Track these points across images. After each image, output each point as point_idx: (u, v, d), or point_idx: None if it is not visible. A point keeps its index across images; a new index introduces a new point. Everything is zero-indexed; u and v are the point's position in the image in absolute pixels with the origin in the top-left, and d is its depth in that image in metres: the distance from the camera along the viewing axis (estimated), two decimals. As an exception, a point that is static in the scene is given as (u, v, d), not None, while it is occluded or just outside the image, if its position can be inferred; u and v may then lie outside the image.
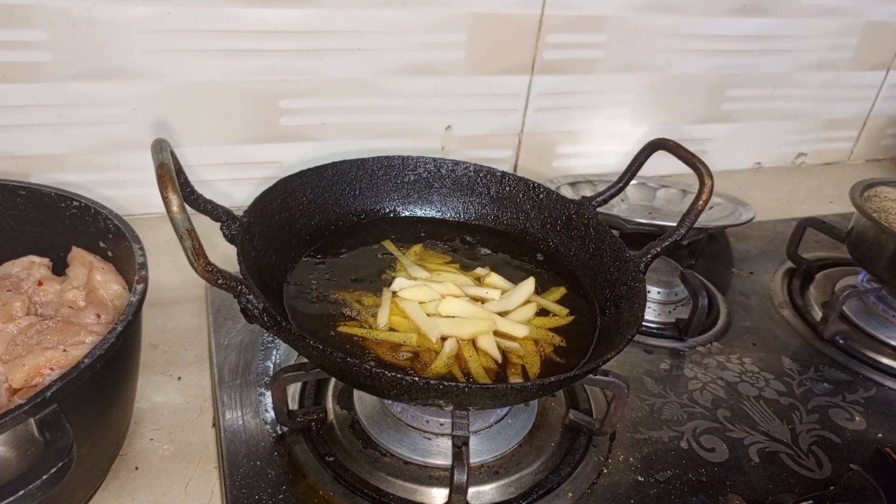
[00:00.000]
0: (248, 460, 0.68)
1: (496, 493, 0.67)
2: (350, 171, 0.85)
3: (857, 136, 1.59)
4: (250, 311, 0.58)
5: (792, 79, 1.40)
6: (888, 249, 0.92)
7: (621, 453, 0.74)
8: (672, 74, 1.29)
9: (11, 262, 0.73)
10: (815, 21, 1.33)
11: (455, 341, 0.67)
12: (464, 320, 0.70)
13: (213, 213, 0.67)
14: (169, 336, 0.85)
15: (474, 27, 1.09)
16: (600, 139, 1.31)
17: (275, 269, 0.73)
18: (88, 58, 0.92)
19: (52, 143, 0.97)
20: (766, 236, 1.23)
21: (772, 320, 1.00)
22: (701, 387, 0.85)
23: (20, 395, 0.58)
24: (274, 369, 0.79)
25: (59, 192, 0.72)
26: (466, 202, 0.89)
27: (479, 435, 0.71)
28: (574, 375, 0.58)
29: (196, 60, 0.97)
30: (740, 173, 1.49)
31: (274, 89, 1.04)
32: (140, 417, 0.73)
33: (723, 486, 0.71)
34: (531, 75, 1.18)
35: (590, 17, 1.16)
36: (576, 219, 0.83)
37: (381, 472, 0.67)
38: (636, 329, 0.63)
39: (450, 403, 0.58)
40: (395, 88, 1.10)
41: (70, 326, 0.63)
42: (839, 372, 0.90)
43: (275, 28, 0.98)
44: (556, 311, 0.75)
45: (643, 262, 0.72)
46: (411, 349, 0.67)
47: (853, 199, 0.99)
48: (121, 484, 0.66)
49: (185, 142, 1.03)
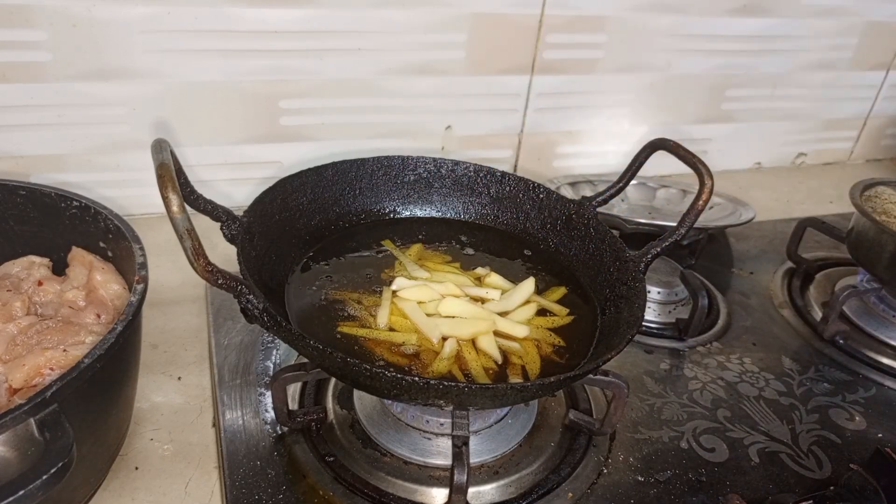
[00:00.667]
0: (248, 460, 0.68)
1: (496, 493, 0.67)
2: (350, 171, 0.85)
3: (857, 136, 1.59)
4: (250, 311, 0.58)
5: (792, 79, 1.40)
6: (888, 249, 0.92)
7: (621, 453, 0.74)
8: (672, 74, 1.29)
9: (11, 262, 0.73)
10: (816, 21, 1.33)
11: (455, 341, 0.67)
12: (464, 320, 0.70)
13: (213, 213, 0.67)
14: (169, 336, 0.85)
15: (474, 27, 1.09)
16: (600, 139, 1.31)
17: (275, 269, 0.73)
18: (88, 58, 0.92)
19: (52, 143, 0.97)
20: (766, 236, 1.23)
21: (772, 320, 1.00)
22: (701, 387, 0.85)
23: (20, 395, 0.58)
24: (274, 369, 0.79)
25: (59, 192, 0.72)
26: (466, 202, 0.89)
27: (479, 435, 0.71)
28: (574, 375, 0.58)
29: (196, 60, 0.97)
30: (740, 173, 1.49)
31: (274, 89, 1.04)
32: (140, 417, 0.73)
33: (723, 486, 0.71)
34: (531, 75, 1.18)
35: (590, 17, 1.16)
36: (576, 219, 0.83)
37: (381, 472, 0.67)
38: (636, 329, 0.63)
39: (450, 403, 0.58)
40: (395, 88, 1.10)
41: (70, 326, 0.63)
42: (839, 372, 0.90)
43: (275, 28, 0.98)
44: (555, 311, 0.75)
45: (643, 262, 0.72)
46: (411, 349, 0.67)
47: (853, 199, 0.99)
48: (121, 484, 0.66)
49: (185, 142, 1.03)
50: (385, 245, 0.82)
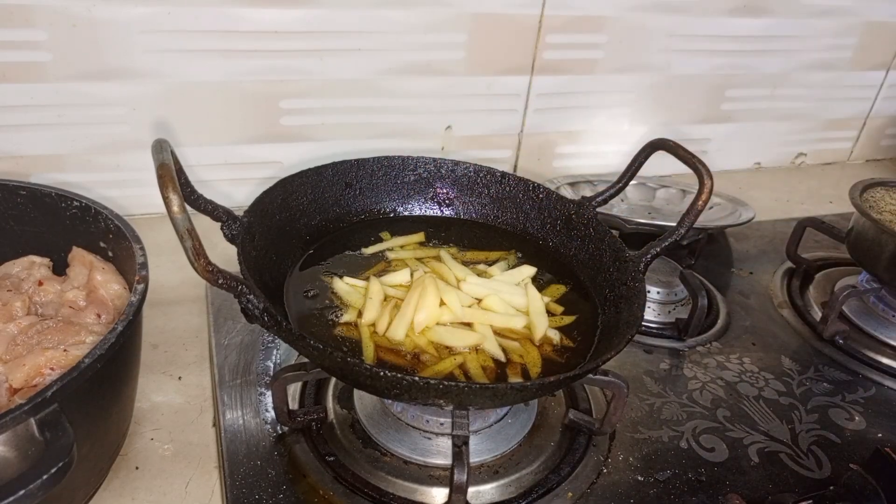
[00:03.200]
0: (249, 460, 0.68)
1: (496, 492, 0.67)
2: (350, 171, 0.85)
3: (857, 137, 1.59)
4: (251, 311, 0.58)
5: (791, 79, 1.40)
6: (888, 249, 0.92)
7: (621, 453, 0.74)
8: (672, 74, 1.29)
9: (12, 262, 0.73)
10: (815, 21, 1.33)
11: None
12: (454, 335, 0.68)
13: (214, 213, 0.67)
14: (169, 336, 0.85)
15: (474, 27, 1.09)
16: (600, 139, 1.31)
17: (275, 269, 0.73)
18: (89, 58, 0.92)
19: (52, 143, 0.97)
20: (765, 236, 1.23)
21: (771, 320, 1.00)
22: (700, 386, 0.85)
23: (20, 395, 0.58)
24: (274, 369, 0.80)
25: (59, 192, 0.72)
26: (466, 202, 0.89)
27: (479, 434, 0.71)
28: (574, 375, 0.58)
29: (196, 60, 0.97)
30: (740, 173, 1.49)
31: (274, 89, 1.04)
32: (140, 417, 0.73)
33: (722, 485, 0.71)
34: (531, 75, 1.18)
35: (590, 18, 1.16)
36: (575, 219, 0.83)
37: (382, 471, 0.67)
38: (636, 329, 0.63)
39: (450, 403, 0.58)
40: (396, 88, 1.10)
41: (70, 326, 0.63)
42: (839, 372, 0.90)
43: (275, 28, 0.98)
44: (552, 308, 0.75)
45: (643, 262, 0.72)
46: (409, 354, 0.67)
47: (853, 199, 0.99)
48: (121, 484, 0.66)
49: (185, 142, 1.03)
50: (382, 237, 0.83)
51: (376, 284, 0.72)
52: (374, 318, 0.69)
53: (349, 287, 0.73)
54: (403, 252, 0.81)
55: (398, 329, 0.67)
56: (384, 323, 0.68)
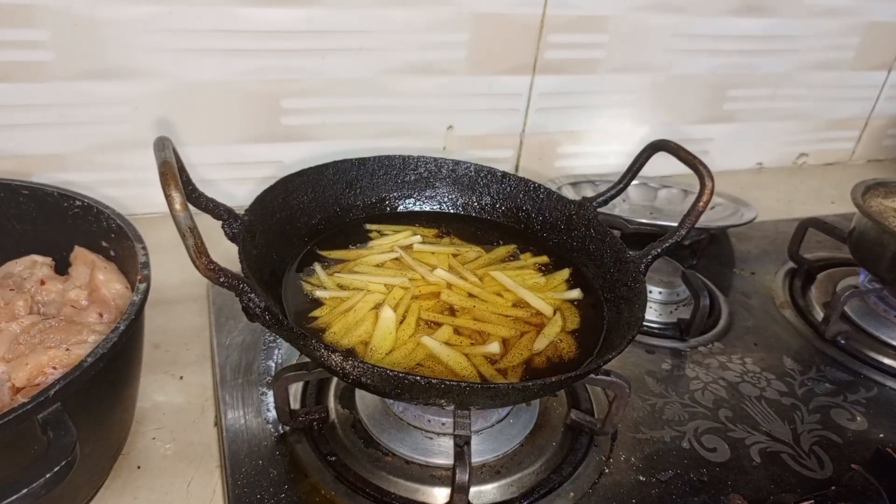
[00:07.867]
0: (250, 459, 0.68)
1: (498, 492, 0.67)
2: (351, 171, 0.85)
3: (859, 137, 1.59)
4: (252, 310, 0.58)
5: (793, 79, 1.40)
6: (890, 250, 0.92)
7: (623, 453, 0.74)
8: (673, 74, 1.29)
9: (14, 262, 0.73)
10: (817, 21, 1.33)
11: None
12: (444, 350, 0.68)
13: (215, 212, 0.67)
14: (171, 335, 0.85)
15: (476, 27, 1.09)
16: (602, 139, 1.31)
17: (276, 268, 0.73)
18: (91, 57, 0.92)
19: (54, 143, 0.97)
20: (767, 236, 1.23)
21: (773, 320, 1.00)
22: (702, 387, 0.85)
23: (23, 394, 0.59)
24: (276, 369, 0.80)
25: (61, 191, 0.72)
26: (467, 202, 0.89)
27: (481, 434, 0.71)
28: (575, 375, 0.58)
29: (198, 60, 0.97)
30: (742, 173, 1.49)
31: (275, 89, 1.04)
32: (142, 417, 0.73)
33: (724, 486, 0.71)
34: (533, 75, 1.18)
35: (591, 17, 1.16)
36: (576, 219, 0.83)
37: (383, 471, 0.67)
38: (637, 329, 0.63)
39: (451, 403, 0.58)
40: (397, 88, 1.10)
41: (73, 325, 0.63)
42: (840, 372, 0.90)
43: (276, 27, 0.98)
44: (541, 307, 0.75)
45: (644, 262, 0.72)
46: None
47: (854, 199, 0.99)
48: (123, 483, 0.66)
49: (187, 141, 1.03)
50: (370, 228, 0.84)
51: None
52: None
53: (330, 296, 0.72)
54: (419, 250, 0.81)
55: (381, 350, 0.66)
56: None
